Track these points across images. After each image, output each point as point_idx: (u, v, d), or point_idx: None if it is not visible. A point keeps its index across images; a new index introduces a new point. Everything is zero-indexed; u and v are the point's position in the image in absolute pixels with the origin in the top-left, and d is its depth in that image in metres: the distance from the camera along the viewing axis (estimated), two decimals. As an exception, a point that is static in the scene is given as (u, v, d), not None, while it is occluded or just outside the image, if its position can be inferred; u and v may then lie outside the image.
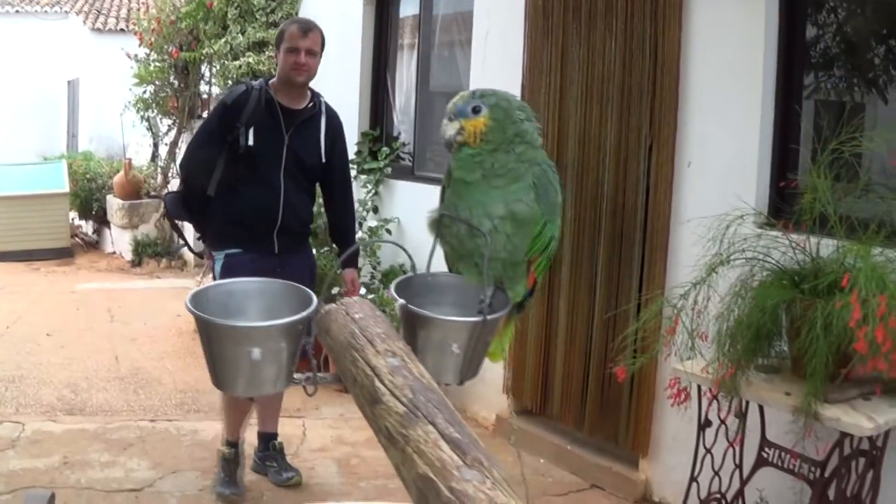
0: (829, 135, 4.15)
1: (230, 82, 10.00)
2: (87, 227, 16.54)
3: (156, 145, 14.34)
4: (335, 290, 5.85)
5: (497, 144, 2.43)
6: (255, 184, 5.26)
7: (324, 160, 5.46)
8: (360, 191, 8.19)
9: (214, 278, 5.35)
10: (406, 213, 7.77)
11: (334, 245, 6.42)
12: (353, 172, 8.35)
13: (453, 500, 1.22)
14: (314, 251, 7.74)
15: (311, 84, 5.45)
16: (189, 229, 6.17)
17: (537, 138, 2.52)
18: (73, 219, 15.93)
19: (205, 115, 12.90)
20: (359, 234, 7.96)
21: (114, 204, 14.47)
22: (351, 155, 8.43)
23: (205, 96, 13.10)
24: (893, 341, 3.48)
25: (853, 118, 4.11)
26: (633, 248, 5.49)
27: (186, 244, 6.19)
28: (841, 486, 3.92)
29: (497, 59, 6.70)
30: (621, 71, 5.53)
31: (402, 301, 2.21)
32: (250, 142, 5.18)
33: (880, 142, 4.00)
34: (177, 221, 5.89)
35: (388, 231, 7.77)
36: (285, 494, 5.50)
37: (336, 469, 5.80)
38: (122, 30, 18.60)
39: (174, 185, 13.89)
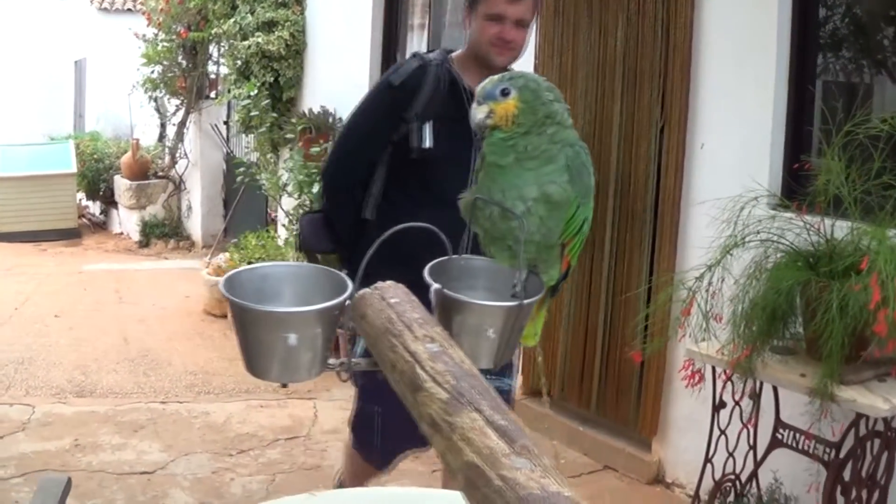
0: (843, 116, 4.12)
1: (239, 63, 9.95)
2: (95, 207, 16.53)
3: (163, 125, 14.31)
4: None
5: (529, 127, 2.37)
6: (434, 203, 3.30)
7: None
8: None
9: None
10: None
11: None
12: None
13: (504, 489, 1.20)
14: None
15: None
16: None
17: (568, 119, 2.44)
18: (80, 199, 15.90)
19: (211, 95, 12.88)
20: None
21: (121, 184, 14.44)
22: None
23: (213, 76, 13.09)
24: (913, 323, 3.47)
25: (868, 99, 4.09)
26: (644, 230, 5.47)
27: None
28: (856, 466, 3.92)
29: (508, 39, 6.64)
30: (633, 51, 5.51)
31: (437, 286, 2.13)
32: (428, 142, 3.70)
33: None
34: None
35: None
36: (297, 476, 5.50)
37: (348, 451, 5.79)
38: (129, 9, 18.48)
39: (182, 166, 13.89)
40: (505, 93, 2.38)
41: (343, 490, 4.22)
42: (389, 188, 3.87)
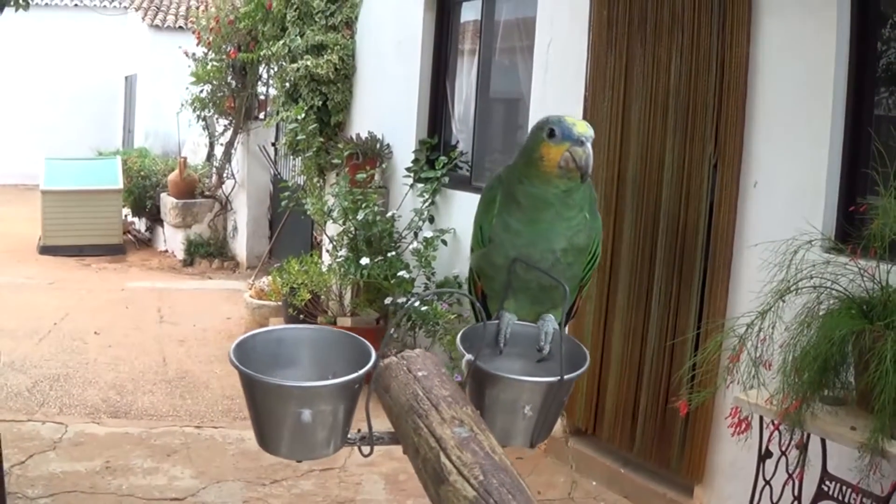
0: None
1: (287, 85, 9.88)
2: (140, 224, 16.55)
3: (212, 145, 14.30)
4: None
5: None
6: None
7: None
8: (416, 200, 8.08)
9: None
10: (462, 224, 7.61)
11: None
12: (408, 181, 8.25)
13: None
14: (366, 259, 7.63)
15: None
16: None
17: None
18: (126, 216, 15.92)
19: (260, 116, 12.83)
20: (413, 245, 7.83)
21: (167, 202, 14.44)
22: (407, 163, 8.31)
23: (262, 97, 13.06)
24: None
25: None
26: (694, 270, 5.33)
27: None
28: (904, 523, 3.79)
29: (559, 68, 6.55)
30: (686, 86, 5.38)
31: (469, 357, 1.98)
32: None
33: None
34: None
35: (444, 242, 7.63)
36: (330, 509, 5.40)
37: (383, 485, 5.67)
38: (180, 27, 18.60)
39: (229, 186, 13.87)
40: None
41: None
42: None
